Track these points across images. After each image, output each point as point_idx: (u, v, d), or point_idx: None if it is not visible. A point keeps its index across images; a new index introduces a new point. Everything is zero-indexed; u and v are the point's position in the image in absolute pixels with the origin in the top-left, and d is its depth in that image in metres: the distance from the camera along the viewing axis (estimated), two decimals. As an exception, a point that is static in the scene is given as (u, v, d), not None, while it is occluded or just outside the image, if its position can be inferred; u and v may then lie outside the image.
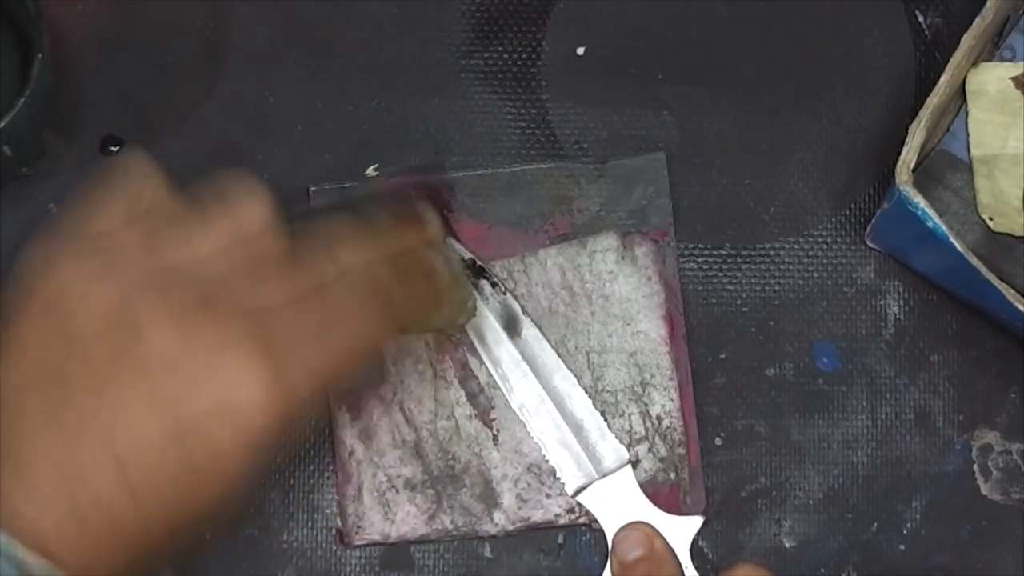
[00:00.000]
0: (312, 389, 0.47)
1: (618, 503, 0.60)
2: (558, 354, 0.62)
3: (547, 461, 0.61)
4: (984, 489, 0.62)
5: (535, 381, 0.61)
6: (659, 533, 0.59)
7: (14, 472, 0.43)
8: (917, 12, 0.66)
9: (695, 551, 0.60)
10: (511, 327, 0.61)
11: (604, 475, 0.60)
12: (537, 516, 0.61)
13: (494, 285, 0.62)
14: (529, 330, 0.62)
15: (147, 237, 0.47)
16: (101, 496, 0.43)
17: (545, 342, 0.62)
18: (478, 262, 0.62)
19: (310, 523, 0.62)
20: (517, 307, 0.62)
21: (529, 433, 0.61)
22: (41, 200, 0.64)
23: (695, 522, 0.60)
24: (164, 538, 0.44)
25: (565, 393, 0.61)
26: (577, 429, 0.61)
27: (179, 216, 0.48)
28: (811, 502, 0.62)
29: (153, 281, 0.45)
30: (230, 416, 0.44)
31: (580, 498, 0.61)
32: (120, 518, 0.43)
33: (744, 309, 0.64)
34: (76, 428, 0.43)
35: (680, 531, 0.60)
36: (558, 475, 0.61)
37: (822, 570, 0.62)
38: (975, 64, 0.62)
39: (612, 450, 0.61)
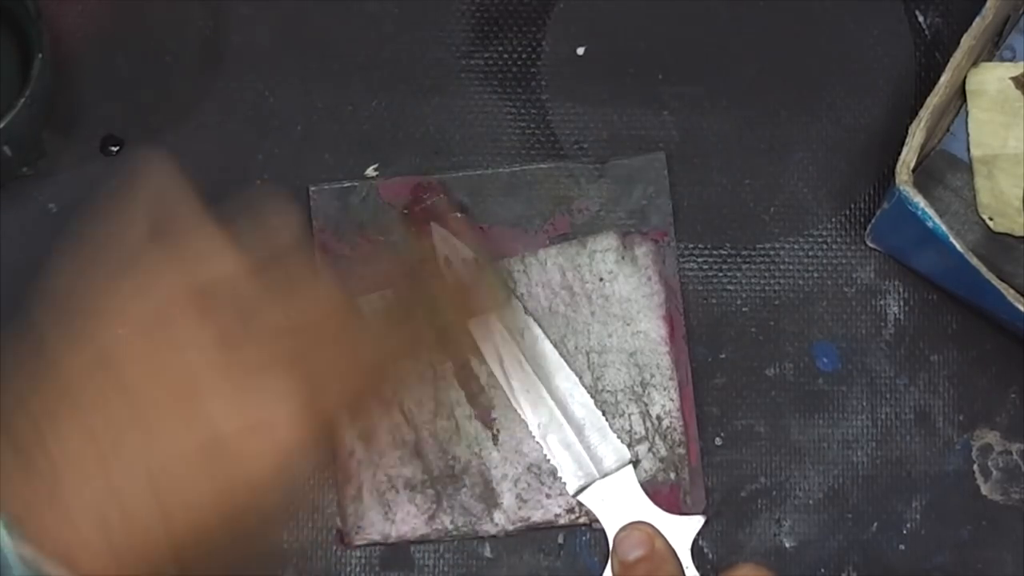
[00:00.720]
0: (343, 406, 0.47)
1: (619, 503, 0.60)
2: (560, 354, 0.62)
3: (548, 461, 0.61)
4: (984, 489, 0.62)
5: (537, 380, 0.61)
6: (660, 533, 0.59)
7: (46, 488, 0.43)
8: (917, 12, 0.66)
9: (695, 551, 0.60)
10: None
11: (605, 475, 0.60)
12: (537, 516, 0.61)
13: None
14: (531, 329, 0.62)
15: (178, 252, 0.46)
16: (131, 511, 0.43)
17: (547, 341, 0.62)
18: (480, 261, 0.62)
19: (310, 523, 0.62)
20: (520, 306, 0.62)
21: (530, 432, 0.61)
22: (41, 200, 0.64)
23: (696, 522, 0.60)
24: (190, 552, 0.44)
25: (567, 392, 0.61)
26: (579, 429, 0.61)
27: (208, 230, 0.47)
28: (811, 502, 0.62)
29: (190, 300, 0.45)
30: (266, 435, 0.44)
31: (581, 498, 0.60)
32: (149, 533, 0.43)
33: (744, 309, 0.64)
34: (111, 444, 0.43)
35: (681, 531, 0.60)
36: (559, 474, 0.61)
37: (822, 570, 0.62)
38: (975, 64, 0.62)
39: (613, 450, 0.61)
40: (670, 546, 0.59)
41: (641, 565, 0.58)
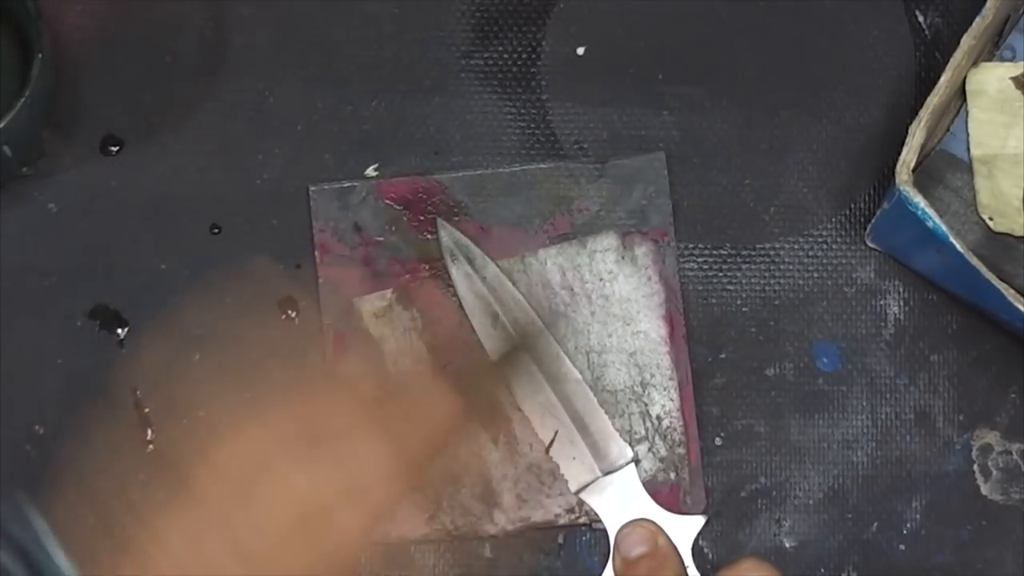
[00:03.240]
0: (431, 457, 0.48)
1: (621, 500, 0.60)
2: (563, 351, 0.62)
3: (549, 460, 0.61)
4: (984, 489, 0.62)
5: (540, 377, 0.61)
6: (662, 530, 0.59)
7: (136, 569, 0.43)
8: (917, 12, 0.66)
9: (695, 551, 0.60)
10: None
11: (608, 472, 0.60)
12: (537, 516, 0.61)
13: None
14: (535, 325, 0.61)
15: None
16: None
17: (550, 337, 0.61)
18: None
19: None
20: (524, 303, 0.62)
21: (534, 430, 0.61)
22: (41, 200, 0.64)
23: (697, 522, 0.60)
24: None
25: (570, 390, 0.61)
26: (581, 426, 0.61)
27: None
28: (811, 502, 0.62)
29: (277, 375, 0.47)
30: (355, 501, 0.45)
31: (583, 495, 0.60)
32: None
33: (744, 309, 0.64)
34: (202, 525, 0.43)
35: (683, 529, 0.60)
36: (561, 472, 0.61)
37: (822, 570, 0.62)
38: (975, 64, 0.62)
39: (616, 448, 0.61)
40: (672, 544, 0.59)
41: (644, 562, 0.58)
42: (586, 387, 0.61)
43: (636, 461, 0.61)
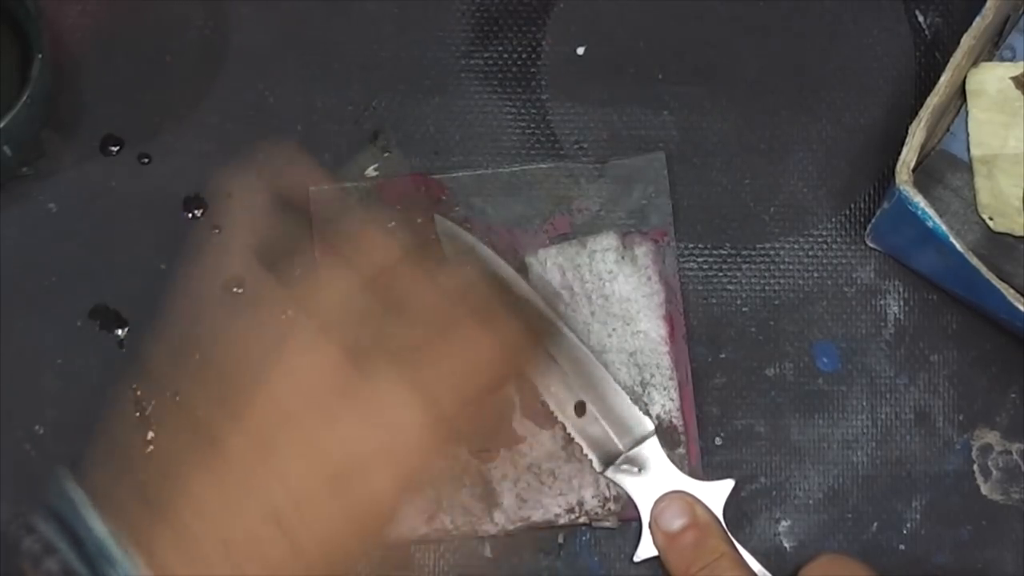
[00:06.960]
0: (464, 421, 0.47)
1: (649, 474, 0.60)
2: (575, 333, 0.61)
3: (548, 460, 0.61)
4: (984, 489, 0.62)
5: (553, 360, 0.61)
6: (699, 500, 0.59)
7: (172, 534, 0.43)
8: (917, 12, 0.66)
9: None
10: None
11: (631, 448, 0.60)
12: (537, 516, 0.61)
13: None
14: (544, 310, 0.61)
15: (288, 278, 0.47)
16: (259, 549, 0.43)
17: (559, 319, 0.61)
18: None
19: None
20: (524, 285, 0.61)
21: (552, 412, 0.61)
22: (41, 200, 0.64)
23: (726, 486, 0.60)
24: None
25: (584, 368, 0.60)
26: (599, 403, 0.60)
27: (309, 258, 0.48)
28: (811, 502, 0.62)
29: (300, 334, 0.45)
30: (388, 459, 0.45)
31: (609, 473, 0.60)
32: (279, 568, 0.44)
33: (744, 309, 0.64)
34: (234, 486, 0.44)
35: (712, 496, 0.60)
36: (585, 452, 0.60)
37: (822, 570, 0.62)
38: (975, 64, 0.62)
39: (636, 422, 0.60)
40: (711, 512, 0.59)
41: (688, 533, 0.59)
42: (601, 365, 0.61)
43: (656, 432, 0.60)
